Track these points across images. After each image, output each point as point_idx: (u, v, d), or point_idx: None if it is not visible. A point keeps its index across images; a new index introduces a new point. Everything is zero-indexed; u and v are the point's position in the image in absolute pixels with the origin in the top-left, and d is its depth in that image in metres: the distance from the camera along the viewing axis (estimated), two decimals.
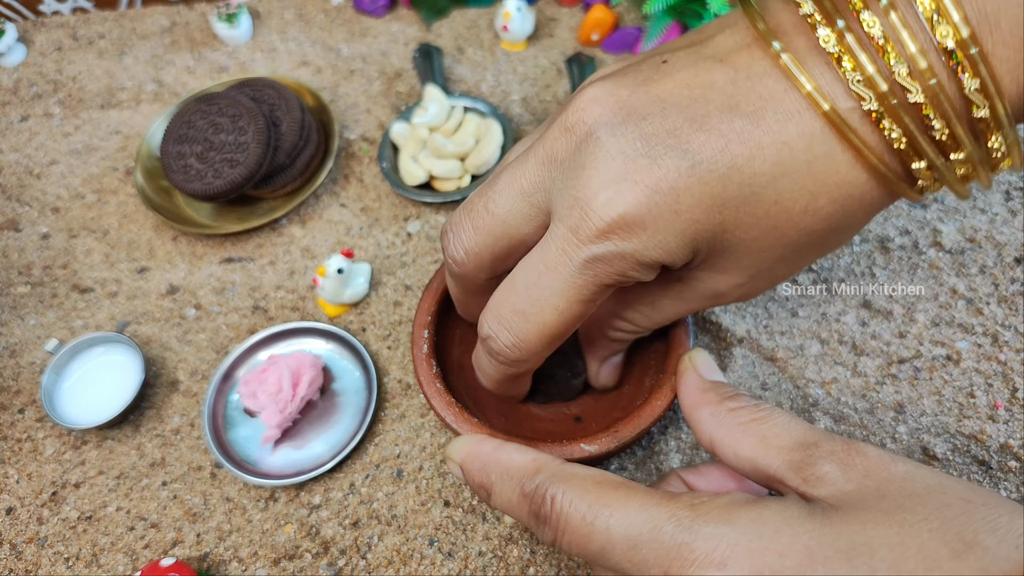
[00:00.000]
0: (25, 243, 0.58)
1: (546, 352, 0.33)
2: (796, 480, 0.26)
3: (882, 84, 0.26)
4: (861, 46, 0.26)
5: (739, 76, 0.28)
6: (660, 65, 0.30)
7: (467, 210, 0.34)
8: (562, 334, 0.32)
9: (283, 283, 0.54)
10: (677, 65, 0.30)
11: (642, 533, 0.25)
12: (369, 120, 0.62)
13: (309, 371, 0.47)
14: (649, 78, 0.30)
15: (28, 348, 0.53)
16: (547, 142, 0.31)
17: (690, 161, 0.28)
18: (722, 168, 0.28)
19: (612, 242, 0.28)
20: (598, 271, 0.29)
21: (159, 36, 0.71)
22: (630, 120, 0.29)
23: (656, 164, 0.28)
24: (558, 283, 0.30)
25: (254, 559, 0.43)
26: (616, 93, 0.30)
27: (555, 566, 0.41)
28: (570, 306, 0.30)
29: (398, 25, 0.68)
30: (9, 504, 0.46)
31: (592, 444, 0.38)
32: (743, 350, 0.47)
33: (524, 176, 0.32)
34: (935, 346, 0.45)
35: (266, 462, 0.46)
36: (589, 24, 0.63)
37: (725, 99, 0.28)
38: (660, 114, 0.29)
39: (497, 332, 0.32)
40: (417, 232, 0.55)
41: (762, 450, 0.28)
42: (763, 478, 0.28)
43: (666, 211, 0.28)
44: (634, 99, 0.29)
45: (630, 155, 0.28)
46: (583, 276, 0.29)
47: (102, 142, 0.64)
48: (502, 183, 0.32)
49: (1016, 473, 0.41)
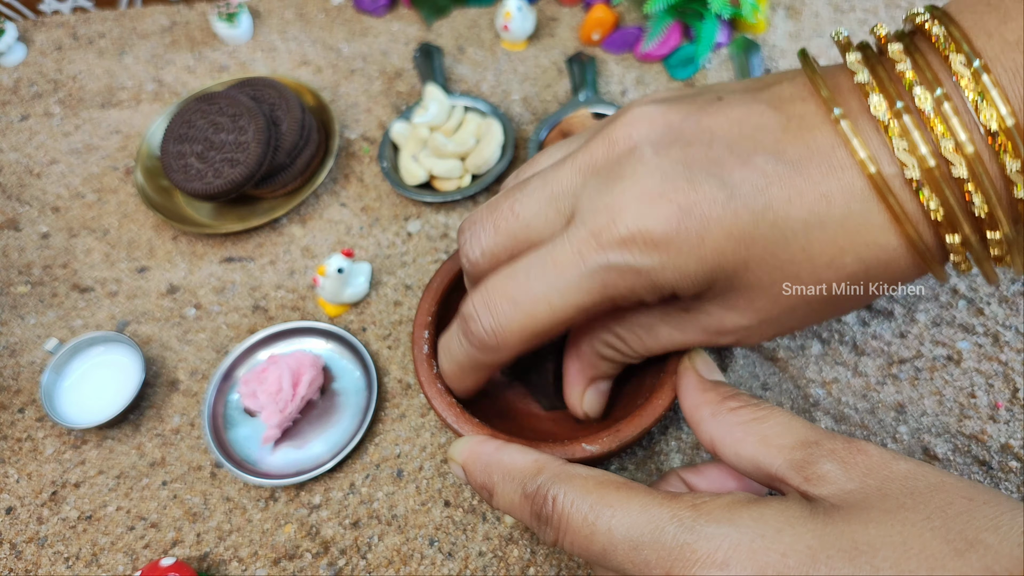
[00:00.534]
0: (25, 242, 0.58)
1: (520, 349, 0.32)
2: (797, 479, 0.26)
3: (928, 157, 0.27)
4: (910, 117, 0.27)
5: (791, 124, 0.29)
6: (715, 100, 0.31)
7: (491, 210, 0.34)
8: (544, 333, 0.31)
9: (283, 283, 0.54)
10: (732, 103, 0.30)
11: (644, 534, 0.25)
12: (369, 119, 0.62)
13: (309, 371, 0.47)
14: (702, 109, 0.30)
15: (28, 347, 0.53)
16: (588, 151, 0.31)
17: (728, 192, 0.28)
18: (758, 206, 0.28)
19: (631, 253, 0.28)
20: (607, 281, 0.29)
21: (159, 35, 0.71)
22: (676, 143, 0.29)
23: (694, 188, 0.28)
24: (561, 281, 0.29)
25: (254, 559, 0.43)
26: (667, 116, 0.30)
27: (555, 566, 0.41)
28: (565, 307, 0.30)
29: (398, 24, 0.68)
30: (9, 504, 0.46)
31: (593, 444, 0.38)
32: (743, 350, 0.47)
33: (557, 181, 0.31)
34: (936, 346, 0.45)
35: (266, 462, 0.46)
36: (590, 24, 0.63)
37: (773, 142, 0.29)
38: (707, 143, 0.29)
39: (480, 314, 0.32)
40: (417, 232, 0.55)
41: (763, 449, 0.28)
42: (764, 477, 0.28)
43: (693, 236, 0.28)
44: (684, 125, 0.30)
45: (670, 175, 0.28)
46: (590, 281, 0.29)
47: (102, 141, 0.64)
48: (533, 186, 0.32)
49: (1017, 473, 0.41)
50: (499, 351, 0.32)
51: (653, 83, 0.60)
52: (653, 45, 0.61)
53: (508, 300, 0.31)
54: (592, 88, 0.59)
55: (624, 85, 0.61)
